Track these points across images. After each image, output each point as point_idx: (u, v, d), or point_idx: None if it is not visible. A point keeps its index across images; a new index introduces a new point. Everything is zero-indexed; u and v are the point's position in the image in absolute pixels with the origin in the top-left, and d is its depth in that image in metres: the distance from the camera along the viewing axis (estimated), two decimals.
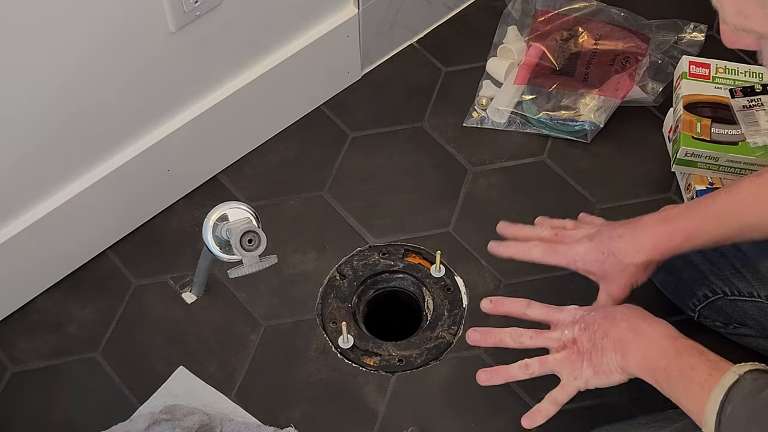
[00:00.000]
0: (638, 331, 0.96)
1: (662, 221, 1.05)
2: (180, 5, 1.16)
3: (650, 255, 1.04)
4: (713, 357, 0.91)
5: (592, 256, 1.07)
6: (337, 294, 1.32)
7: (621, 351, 0.96)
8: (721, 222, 1.03)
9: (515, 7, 1.57)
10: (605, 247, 1.06)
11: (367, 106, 1.50)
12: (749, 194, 1.02)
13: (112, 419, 1.19)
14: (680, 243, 1.04)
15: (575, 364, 0.99)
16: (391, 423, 1.21)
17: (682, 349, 0.93)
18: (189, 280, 1.32)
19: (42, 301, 1.31)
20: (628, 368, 0.96)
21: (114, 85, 1.18)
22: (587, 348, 0.99)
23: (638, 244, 1.04)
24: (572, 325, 1.01)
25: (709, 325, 1.23)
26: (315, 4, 1.37)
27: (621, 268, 1.05)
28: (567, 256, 1.09)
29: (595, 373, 0.98)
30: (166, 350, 1.27)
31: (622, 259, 1.05)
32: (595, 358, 0.98)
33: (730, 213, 1.03)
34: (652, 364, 0.94)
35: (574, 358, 0.99)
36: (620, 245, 1.05)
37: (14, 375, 1.26)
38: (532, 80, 1.48)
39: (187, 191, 1.40)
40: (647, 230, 1.05)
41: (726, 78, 1.36)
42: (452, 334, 1.28)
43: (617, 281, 1.06)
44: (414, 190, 1.42)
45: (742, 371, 0.86)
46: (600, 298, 1.09)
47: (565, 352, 1.00)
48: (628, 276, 1.06)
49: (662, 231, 1.04)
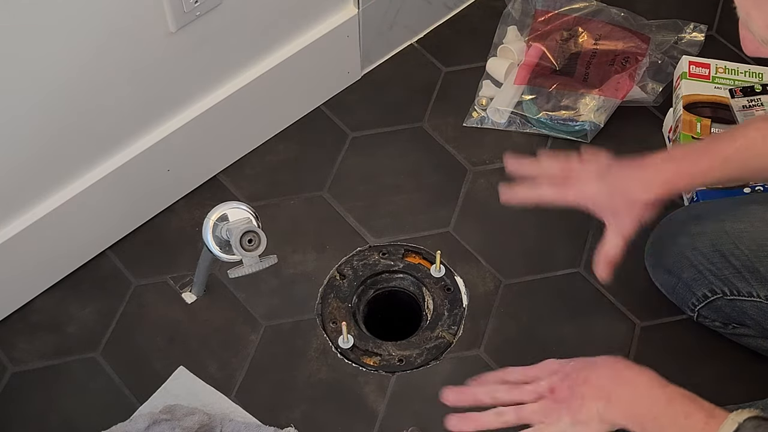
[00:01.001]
0: (622, 378, 0.91)
1: (670, 161, 1.06)
2: (180, 5, 1.16)
3: (658, 192, 1.05)
4: (707, 405, 0.87)
5: (602, 193, 1.07)
6: (337, 294, 1.32)
7: (604, 399, 0.90)
8: (726, 164, 1.04)
9: (515, 7, 1.57)
10: (615, 185, 1.06)
11: (367, 106, 1.50)
12: (754, 139, 1.03)
13: (112, 419, 1.19)
14: (687, 182, 1.07)
15: (552, 413, 0.92)
16: (391, 423, 1.21)
17: (674, 397, 0.89)
18: (189, 280, 1.32)
19: (42, 301, 1.31)
20: (612, 417, 0.90)
21: (114, 85, 1.18)
22: (565, 396, 0.92)
23: (647, 183, 1.05)
24: (550, 376, 0.95)
25: (708, 325, 1.23)
26: (315, 4, 1.37)
27: (630, 205, 1.06)
28: (577, 195, 1.09)
29: (573, 423, 0.91)
30: (166, 350, 1.27)
31: (632, 197, 1.05)
32: (574, 406, 0.91)
33: (735, 156, 1.04)
34: (640, 412, 0.89)
35: (551, 407, 0.93)
36: (630, 184, 1.06)
37: (14, 375, 1.26)
38: (532, 80, 1.48)
39: (187, 191, 1.40)
40: (656, 169, 1.06)
41: (726, 78, 1.36)
42: (452, 334, 1.28)
43: (626, 219, 1.06)
44: (414, 190, 1.42)
45: (741, 419, 0.83)
46: (608, 236, 1.08)
47: (543, 402, 0.94)
48: (637, 213, 1.06)
49: (670, 170, 1.05)
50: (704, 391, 1.21)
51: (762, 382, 1.22)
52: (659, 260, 1.21)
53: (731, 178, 1.07)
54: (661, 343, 1.27)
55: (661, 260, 1.20)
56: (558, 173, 1.11)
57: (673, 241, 1.18)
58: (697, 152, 1.06)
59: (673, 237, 1.18)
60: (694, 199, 1.32)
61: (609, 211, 1.07)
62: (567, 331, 1.28)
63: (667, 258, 1.19)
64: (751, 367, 1.23)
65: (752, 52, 0.72)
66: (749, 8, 0.67)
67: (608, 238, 1.08)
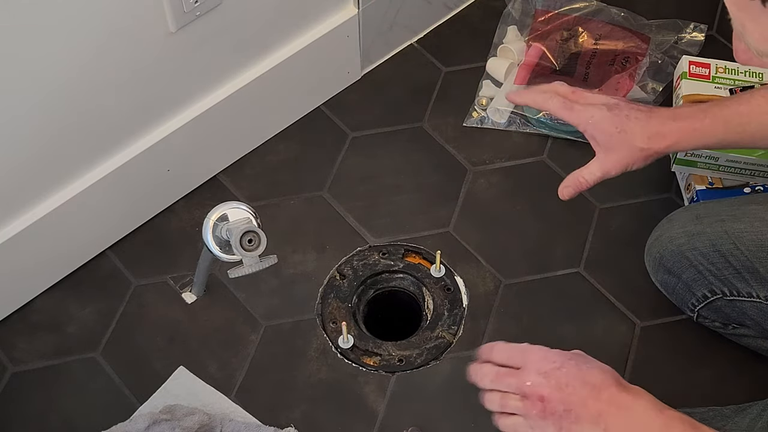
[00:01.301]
0: (619, 403, 0.87)
1: (674, 117, 1.07)
2: (180, 5, 1.16)
3: (657, 145, 1.05)
4: (705, 429, 0.85)
5: (605, 125, 1.06)
6: (337, 294, 1.32)
7: (603, 426, 0.86)
8: (727, 127, 1.05)
9: (515, 7, 1.57)
10: (620, 122, 1.06)
11: (367, 106, 1.50)
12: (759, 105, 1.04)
13: (112, 419, 1.19)
14: (687, 141, 1.06)
15: (538, 422, 0.89)
16: (391, 423, 1.21)
17: (672, 422, 0.86)
18: (189, 280, 1.32)
19: (42, 301, 1.31)
20: None
21: (114, 85, 1.18)
22: (558, 411, 0.88)
23: (648, 132, 1.05)
24: (539, 377, 0.90)
25: (708, 325, 1.23)
26: (315, 4, 1.37)
27: (626, 147, 1.06)
28: (581, 116, 1.08)
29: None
30: (166, 350, 1.27)
31: (631, 140, 1.05)
32: (566, 424, 0.87)
33: (737, 120, 1.05)
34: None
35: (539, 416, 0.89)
36: (634, 126, 1.06)
37: (14, 375, 1.26)
38: (532, 80, 1.48)
39: (187, 191, 1.40)
40: (660, 121, 1.06)
41: (726, 78, 1.36)
42: (452, 334, 1.28)
43: (617, 158, 1.07)
44: (414, 190, 1.42)
45: None
46: (591, 164, 1.08)
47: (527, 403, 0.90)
48: (629, 157, 1.06)
49: (673, 126, 1.06)
50: (704, 391, 1.22)
51: (762, 382, 1.22)
52: (659, 260, 1.21)
53: (730, 141, 1.07)
54: (661, 343, 1.27)
55: (661, 260, 1.20)
56: (568, 94, 1.10)
57: (672, 242, 1.18)
58: (702, 112, 1.07)
59: (673, 237, 1.18)
60: (694, 199, 1.32)
61: (604, 145, 1.07)
62: (567, 331, 1.28)
63: (666, 258, 1.19)
64: (751, 367, 1.23)
65: (745, 61, 0.72)
66: (744, 20, 0.67)
67: (590, 166, 1.08)
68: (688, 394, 1.21)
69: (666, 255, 1.19)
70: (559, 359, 0.91)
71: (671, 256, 1.18)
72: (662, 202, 1.38)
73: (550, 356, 0.91)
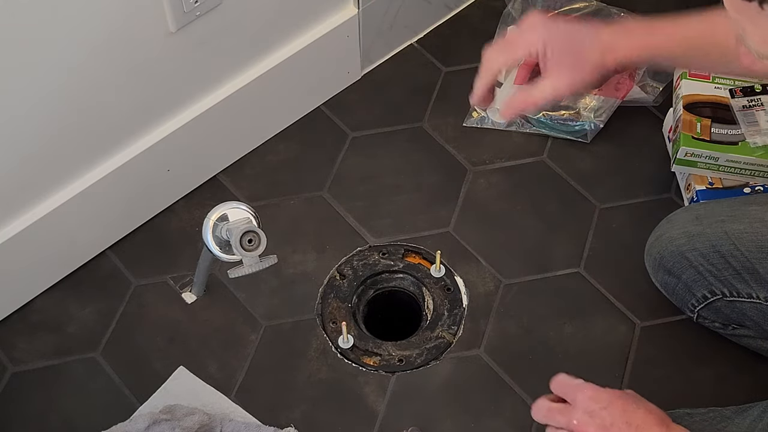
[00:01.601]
0: None
1: (627, 32, 1.01)
2: (180, 5, 1.16)
3: (604, 59, 1.00)
4: None
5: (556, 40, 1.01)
6: (337, 294, 1.32)
7: None
8: (683, 43, 1.00)
9: (515, 7, 1.57)
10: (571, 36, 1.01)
11: (367, 106, 1.50)
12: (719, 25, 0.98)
13: (112, 419, 1.19)
14: (638, 56, 1.01)
15: None
16: (391, 423, 1.21)
17: None
18: (189, 280, 1.32)
19: (42, 301, 1.31)
20: None
21: (114, 84, 1.18)
22: None
23: (602, 47, 1.00)
24: (585, 415, 0.93)
25: (708, 325, 1.23)
26: (315, 4, 1.37)
27: (578, 64, 1.00)
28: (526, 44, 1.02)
29: None
30: (166, 350, 1.27)
31: (584, 56, 1.00)
32: None
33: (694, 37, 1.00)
34: None
35: None
36: (586, 41, 1.00)
37: (14, 375, 1.26)
38: (532, 80, 1.47)
39: (187, 191, 1.40)
40: (612, 37, 1.01)
41: (726, 78, 1.36)
42: (452, 334, 1.28)
43: (568, 76, 1.01)
44: (414, 190, 1.42)
45: None
46: (542, 83, 1.02)
47: None
48: (581, 75, 1.01)
49: (625, 41, 1.01)
50: (704, 392, 1.22)
51: (762, 383, 1.22)
52: (659, 261, 1.21)
53: (681, 58, 1.03)
54: (661, 343, 1.27)
55: (661, 261, 1.20)
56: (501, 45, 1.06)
57: (672, 242, 1.18)
58: (654, 27, 1.02)
59: (673, 238, 1.18)
60: (694, 199, 1.32)
61: (554, 62, 1.01)
62: (567, 331, 1.28)
63: (666, 259, 1.19)
64: (751, 367, 1.23)
65: (747, 66, 0.72)
66: (745, 24, 0.67)
67: (541, 85, 1.02)
68: (688, 394, 1.21)
69: (666, 256, 1.19)
70: (606, 399, 0.93)
71: (671, 256, 1.18)
72: (662, 202, 1.38)
73: (599, 395, 0.94)
